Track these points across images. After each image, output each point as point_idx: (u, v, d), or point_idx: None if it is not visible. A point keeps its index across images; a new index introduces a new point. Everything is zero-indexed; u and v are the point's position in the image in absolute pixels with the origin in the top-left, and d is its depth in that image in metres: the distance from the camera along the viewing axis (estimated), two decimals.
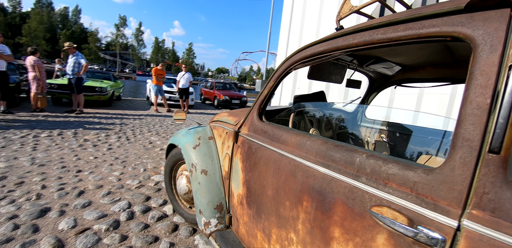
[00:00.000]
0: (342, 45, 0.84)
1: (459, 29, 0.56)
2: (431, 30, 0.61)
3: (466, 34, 0.55)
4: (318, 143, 0.83)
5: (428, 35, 0.62)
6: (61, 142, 3.68)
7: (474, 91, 0.52)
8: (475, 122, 0.50)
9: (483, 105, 0.50)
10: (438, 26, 0.60)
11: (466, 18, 0.55)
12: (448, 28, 0.58)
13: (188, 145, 1.66)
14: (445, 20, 0.59)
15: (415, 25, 0.65)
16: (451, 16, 0.59)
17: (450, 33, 0.58)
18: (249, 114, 1.29)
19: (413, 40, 0.66)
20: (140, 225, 1.82)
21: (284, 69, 1.11)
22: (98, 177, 2.59)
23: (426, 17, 0.63)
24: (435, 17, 0.62)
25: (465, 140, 0.52)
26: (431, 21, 0.62)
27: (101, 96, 7.35)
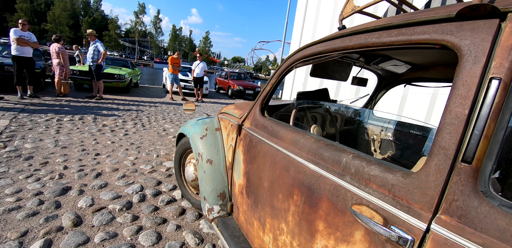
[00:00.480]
0: (339, 46, 0.87)
1: (448, 38, 0.57)
2: (421, 37, 0.62)
3: (453, 43, 0.56)
4: (311, 141, 0.88)
5: (419, 41, 0.63)
6: (82, 126, 3.91)
7: (455, 101, 0.53)
8: (452, 132, 0.53)
9: (461, 116, 0.52)
10: (428, 33, 0.61)
11: (455, 26, 0.56)
12: (438, 35, 0.59)
13: (196, 135, 1.75)
14: (436, 28, 0.60)
15: (407, 31, 0.66)
16: (442, 23, 0.59)
17: (439, 41, 0.59)
18: (252, 108, 1.35)
19: (405, 46, 0.67)
20: (151, 207, 1.96)
21: (285, 67, 1.14)
22: (114, 161, 2.76)
23: (418, 24, 0.65)
24: (427, 23, 0.63)
25: (441, 148, 0.54)
26: (423, 28, 0.63)
27: (119, 83, 7.61)
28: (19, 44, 4.93)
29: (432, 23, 0.61)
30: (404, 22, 0.68)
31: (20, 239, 1.50)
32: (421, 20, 0.63)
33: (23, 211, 1.75)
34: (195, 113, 6.10)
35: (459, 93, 0.53)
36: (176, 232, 1.72)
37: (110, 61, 9.50)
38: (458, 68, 0.54)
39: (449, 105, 0.54)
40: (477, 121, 0.49)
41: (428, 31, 0.61)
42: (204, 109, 7.07)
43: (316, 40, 1.01)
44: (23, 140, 3.03)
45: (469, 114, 0.51)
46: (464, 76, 0.53)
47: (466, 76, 0.52)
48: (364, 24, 0.87)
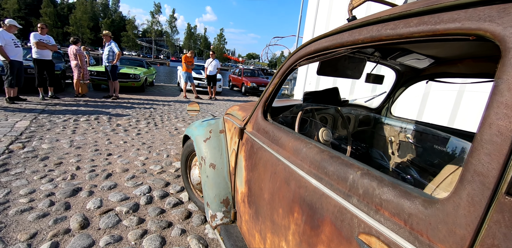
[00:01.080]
0: (348, 41, 0.75)
1: (486, 26, 0.44)
2: (450, 26, 0.49)
3: (494, 33, 0.43)
4: (313, 152, 0.77)
5: (446, 32, 0.50)
6: (97, 126, 3.99)
7: (497, 111, 0.40)
8: (493, 153, 0.40)
9: (505, 131, 0.39)
10: (459, 21, 0.48)
11: (497, 10, 0.43)
12: (472, 24, 0.46)
13: (199, 138, 1.68)
14: (469, 13, 0.47)
15: (431, 19, 0.53)
16: (477, 7, 0.46)
17: (474, 31, 0.46)
18: (254, 111, 1.25)
19: (428, 37, 0.55)
20: (157, 210, 1.94)
21: (289, 66, 1.03)
22: (125, 161, 2.78)
23: (445, 9, 0.52)
24: (457, 8, 0.50)
25: (476, 174, 0.42)
26: (452, 14, 0.50)
27: (134, 82, 7.77)
28: (38, 48, 5.11)
29: (463, 8, 0.48)
30: (426, 9, 0.55)
31: (28, 241, 1.51)
32: (449, 5, 0.50)
33: (34, 212, 1.77)
34: (200, 113, 6.09)
35: (503, 100, 0.40)
36: (180, 237, 1.68)
37: (126, 61, 9.74)
38: (501, 67, 0.42)
39: (489, 117, 0.42)
40: None
41: (459, 18, 0.48)
42: (217, 107, 7.06)
43: (321, 34, 0.89)
44: (41, 140, 3.13)
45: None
46: (510, 78, 0.40)
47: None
48: (377, 13, 0.74)
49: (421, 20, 0.56)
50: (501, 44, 0.42)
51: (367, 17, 0.76)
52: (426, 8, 0.55)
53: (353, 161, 0.67)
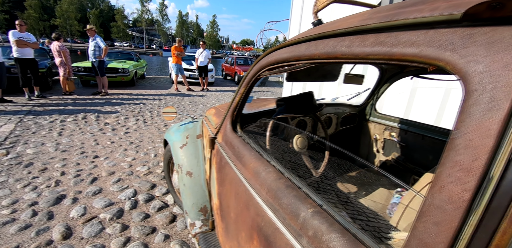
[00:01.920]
0: (305, 54, 0.67)
1: (447, 57, 0.36)
2: (407, 51, 0.41)
3: (455, 67, 0.35)
4: (271, 178, 0.71)
5: (403, 58, 0.42)
6: (84, 126, 3.92)
7: (449, 172, 0.34)
8: (442, 223, 0.34)
9: (457, 199, 0.33)
10: (417, 46, 0.40)
11: (461, 37, 0.35)
12: (431, 51, 0.38)
13: (176, 144, 1.63)
14: (429, 37, 0.39)
15: (387, 39, 0.45)
16: (440, 29, 0.38)
17: (432, 60, 0.38)
18: (223, 120, 1.18)
19: (385, 61, 0.47)
20: (141, 215, 1.92)
21: (253, 75, 0.95)
22: (112, 163, 2.74)
23: (404, 27, 0.43)
24: (417, 28, 0.41)
25: (422, 245, 0.36)
26: (410, 35, 0.41)
27: (124, 77, 7.58)
28: (19, 46, 4.91)
29: (424, 28, 0.40)
30: (384, 25, 0.46)
31: None
32: (409, 22, 0.42)
33: (16, 224, 1.75)
34: (176, 117, 5.99)
35: (458, 160, 0.33)
36: (164, 243, 1.67)
37: (114, 55, 9.46)
38: (461, 115, 0.34)
39: (440, 177, 0.35)
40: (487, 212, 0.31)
41: (417, 42, 0.40)
42: (208, 99, 6.95)
43: (283, 43, 0.80)
44: (26, 145, 3.07)
45: (472, 199, 0.32)
46: (469, 130, 0.32)
47: (473, 131, 0.32)
48: (339, 20, 0.66)
49: (377, 38, 0.47)
50: (463, 82, 0.34)
51: (329, 24, 0.67)
52: (384, 24, 0.47)
53: (310, 193, 0.62)
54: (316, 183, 1.06)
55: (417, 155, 1.55)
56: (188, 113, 5.18)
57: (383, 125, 1.73)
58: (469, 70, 0.33)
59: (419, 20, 0.40)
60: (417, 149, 1.55)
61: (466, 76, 0.33)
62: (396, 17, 0.45)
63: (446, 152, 0.34)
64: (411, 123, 1.58)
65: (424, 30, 0.40)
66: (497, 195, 0.30)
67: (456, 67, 0.35)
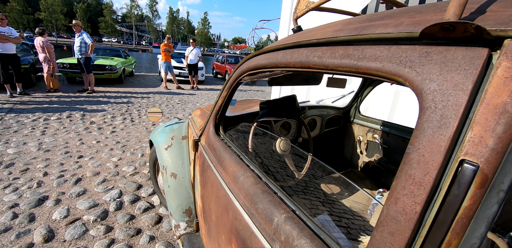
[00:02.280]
0: (281, 62, 0.68)
1: (405, 73, 0.38)
2: (371, 65, 0.43)
3: (412, 84, 0.37)
4: (249, 182, 0.72)
5: (368, 72, 0.44)
6: (69, 125, 3.83)
7: (404, 184, 0.36)
8: (396, 233, 0.36)
9: (410, 211, 0.35)
10: (380, 61, 0.42)
11: (419, 54, 0.37)
12: (392, 66, 0.40)
13: (161, 145, 1.62)
14: (392, 52, 0.41)
15: (355, 52, 0.47)
16: (401, 45, 0.40)
17: (393, 76, 0.40)
18: (207, 123, 1.19)
19: (352, 74, 0.49)
20: (126, 216, 1.90)
21: (234, 79, 0.96)
22: (97, 163, 2.70)
23: (370, 42, 0.45)
24: (381, 43, 0.43)
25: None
26: (375, 50, 0.43)
27: (111, 74, 7.42)
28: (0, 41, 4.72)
29: (387, 43, 0.42)
30: (352, 38, 0.48)
31: None
32: (374, 37, 0.43)
33: None
34: (162, 117, 5.94)
35: (412, 173, 0.35)
36: (149, 244, 1.67)
37: (101, 51, 9.23)
38: (415, 131, 0.36)
39: (396, 190, 0.37)
40: (434, 225, 0.33)
41: (381, 57, 0.42)
42: (198, 98, 6.90)
43: (263, 48, 0.82)
44: (7, 144, 2.98)
45: (422, 214, 0.34)
46: (421, 146, 0.34)
47: (425, 147, 0.34)
48: (322, 27, 0.67)
49: (346, 51, 0.49)
50: (418, 98, 0.36)
51: (306, 33, 0.69)
52: (352, 37, 0.48)
53: (284, 198, 0.63)
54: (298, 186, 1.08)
55: (397, 156, 1.60)
56: (177, 112, 5.14)
57: (367, 127, 1.78)
58: (424, 88, 0.35)
59: (383, 35, 0.42)
60: (398, 151, 1.60)
61: (422, 93, 0.35)
62: (364, 30, 0.47)
63: (401, 165, 0.36)
64: (393, 125, 1.63)
65: (387, 45, 0.42)
66: (443, 209, 0.32)
67: (413, 84, 0.37)
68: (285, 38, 0.78)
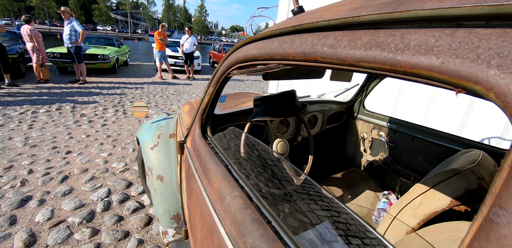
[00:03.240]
0: (277, 53, 0.53)
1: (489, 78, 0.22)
2: (419, 61, 0.27)
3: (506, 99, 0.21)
4: (236, 205, 0.58)
5: (412, 71, 0.29)
6: (58, 118, 3.66)
7: None
8: None
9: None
10: (437, 54, 0.26)
11: None
12: (460, 65, 0.24)
13: (146, 144, 1.48)
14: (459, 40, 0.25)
15: (390, 39, 0.31)
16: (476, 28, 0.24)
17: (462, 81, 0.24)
18: (193, 123, 1.04)
19: (385, 73, 0.33)
20: (114, 217, 1.79)
21: (221, 74, 0.80)
22: (85, 159, 2.57)
23: (416, 22, 0.29)
24: (437, 24, 0.27)
25: None
26: (426, 35, 0.28)
27: (104, 63, 7.15)
28: None
29: (448, 24, 0.26)
30: (380, 17, 0.32)
31: None
32: (422, 15, 0.28)
33: None
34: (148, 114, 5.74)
35: None
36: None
37: (95, 40, 8.89)
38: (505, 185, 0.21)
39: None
40: None
41: (437, 48, 0.26)
42: (194, 88, 6.69)
43: (254, 35, 0.65)
44: None
45: None
46: None
47: None
48: (333, 5, 0.50)
49: (374, 37, 0.33)
50: None
51: (310, 14, 0.52)
52: (384, 16, 0.32)
53: (280, 230, 0.50)
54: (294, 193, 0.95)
55: (405, 156, 1.47)
56: (172, 104, 4.96)
57: (372, 124, 1.64)
58: None
59: (440, 12, 0.26)
60: (406, 150, 1.46)
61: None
62: (403, 6, 0.30)
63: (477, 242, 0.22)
64: (400, 122, 1.49)
65: (449, 28, 0.26)
66: None
67: (508, 98, 0.21)
68: (282, 22, 0.62)
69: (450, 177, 0.84)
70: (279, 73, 0.91)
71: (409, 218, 0.88)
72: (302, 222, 0.55)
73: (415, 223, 0.84)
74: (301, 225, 0.55)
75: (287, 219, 0.54)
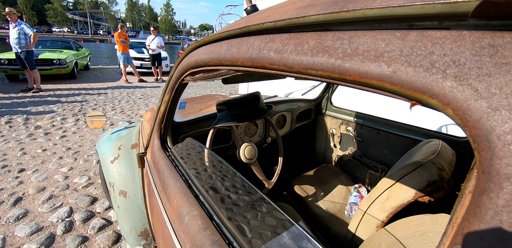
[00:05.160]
0: (225, 58, 0.48)
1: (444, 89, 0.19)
2: (369, 70, 0.25)
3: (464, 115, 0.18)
4: (195, 226, 0.52)
5: (362, 81, 0.26)
6: (8, 132, 3.30)
7: None
8: None
9: None
10: (388, 61, 0.24)
11: (474, 50, 0.18)
12: (413, 74, 0.21)
13: (106, 157, 1.35)
14: (411, 44, 0.22)
15: (337, 43, 0.28)
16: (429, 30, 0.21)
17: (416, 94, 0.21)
18: (151, 134, 0.95)
19: (335, 82, 0.30)
20: (77, 239, 1.64)
21: (176, 80, 0.74)
22: (42, 177, 2.33)
23: (364, 22, 0.26)
24: (388, 25, 0.25)
25: None
26: (376, 39, 0.25)
27: (61, 69, 6.60)
28: None
29: (399, 25, 0.23)
30: (327, 17, 0.28)
31: None
32: (370, 15, 0.24)
33: None
34: (109, 122, 5.47)
35: None
36: None
37: (48, 43, 8.17)
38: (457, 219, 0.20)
39: None
40: None
41: (387, 53, 0.23)
42: None
43: (204, 38, 0.59)
44: None
45: None
46: None
47: None
48: (282, 4, 0.46)
49: (321, 41, 0.30)
50: (475, 148, 0.19)
51: (260, 14, 0.48)
52: (330, 16, 0.28)
53: None
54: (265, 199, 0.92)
55: (373, 149, 1.51)
56: (139, 109, 4.71)
57: (339, 119, 1.65)
58: (496, 128, 0.17)
59: (390, 11, 0.22)
60: (373, 143, 1.50)
61: (490, 138, 0.17)
62: (351, 4, 0.27)
63: None
64: (366, 117, 1.51)
65: (399, 30, 0.23)
66: None
67: (466, 115, 0.18)
68: (233, 23, 0.57)
69: (413, 170, 0.86)
70: (239, 76, 0.86)
71: (378, 212, 0.90)
72: (265, 241, 0.51)
73: (384, 217, 0.87)
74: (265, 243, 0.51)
75: (251, 240, 0.50)
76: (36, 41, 5.16)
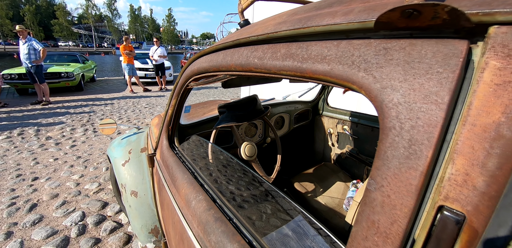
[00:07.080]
0: (222, 65, 0.58)
1: (359, 78, 0.28)
2: (318, 68, 0.33)
3: (370, 93, 0.27)
4: (201, 208, 0.61)
5: (314, 76, 0.34)
6: (20, 143, 3.44)
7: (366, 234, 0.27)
8: None
9: None
10: (328, 62, 0.32)
11: (374, 52, 0.27)
12: (342, 70, 0.31)
13: (117, 161, 1.45)
14: (342, 49, 0.31)
15: (299, 51, 0.37)
16: (352, 40, 0.30)
17: (344, 82, 0.30)
18: (160, 135, 1.05)
19: (298, 79, 0.39)
20: (91, 241, 1.72)
21: (181, 86, 0.84)
22: (55, 184, 2.43)
23: (315, 35, 0.35)
24: (329, 37, 0.33)
25: None
26: (322, 47, 0.34)
27: (69, 81, 6.83)
28: None
29: (336, 37, 0.32)
30: (293, 32, 0.38)
31: None
32: (318, 30, 0.33)
33: None
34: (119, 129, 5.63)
35: (375, 220, 0.26)
36: None
37: (55, 57, 8.48)
38: (376, 157, 0.27)
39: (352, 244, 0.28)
40: None
41: (328, 56, 0.32)
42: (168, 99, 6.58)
43: (207, 48, 0.70)
44: None
45: None
46: (385, 183, 0.25)
47: (390, 185, 0.25)
48: (265, 20, 0.56)
49: (288, 50, 0.39)
50: (378, 114, 0.27)
51: (248, 28, 0.58)
52: (295, 31, 0.37)
53: (240, 226, 0.53)
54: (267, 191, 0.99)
55: (368, 146, 1.58)
56: (145, 117, 4.84)
57: (336, 119, 1.73)
58: (384, 99, 0.25)
59: (330, 27, 0.32)
60: (368, 140, 1.57)
61: (382, 107, 0.26)
62: (310, 22, 0.36)
63: (361, 206, 0.27)
64: (361, 115, 1.59)
65: (336, 40, 0.32)
66: None
67: (370, 93, 0.27)
68: (228, 36, 0.68)
69: None
70: (237, 80, 0.96)
71: None
72: (261, 217, 0.59)
73: None
74: (260, 219, 0.59)
75: (252, 216, 0.58)
76: (45, 56, 5.39)
